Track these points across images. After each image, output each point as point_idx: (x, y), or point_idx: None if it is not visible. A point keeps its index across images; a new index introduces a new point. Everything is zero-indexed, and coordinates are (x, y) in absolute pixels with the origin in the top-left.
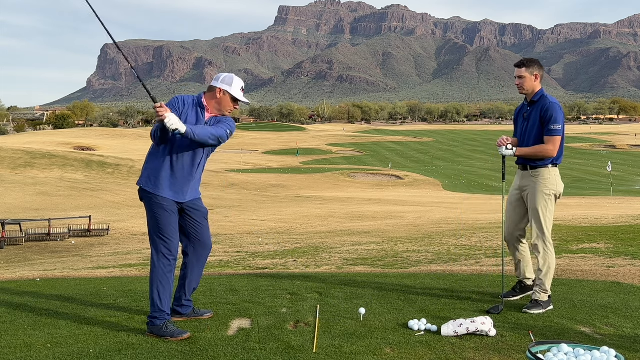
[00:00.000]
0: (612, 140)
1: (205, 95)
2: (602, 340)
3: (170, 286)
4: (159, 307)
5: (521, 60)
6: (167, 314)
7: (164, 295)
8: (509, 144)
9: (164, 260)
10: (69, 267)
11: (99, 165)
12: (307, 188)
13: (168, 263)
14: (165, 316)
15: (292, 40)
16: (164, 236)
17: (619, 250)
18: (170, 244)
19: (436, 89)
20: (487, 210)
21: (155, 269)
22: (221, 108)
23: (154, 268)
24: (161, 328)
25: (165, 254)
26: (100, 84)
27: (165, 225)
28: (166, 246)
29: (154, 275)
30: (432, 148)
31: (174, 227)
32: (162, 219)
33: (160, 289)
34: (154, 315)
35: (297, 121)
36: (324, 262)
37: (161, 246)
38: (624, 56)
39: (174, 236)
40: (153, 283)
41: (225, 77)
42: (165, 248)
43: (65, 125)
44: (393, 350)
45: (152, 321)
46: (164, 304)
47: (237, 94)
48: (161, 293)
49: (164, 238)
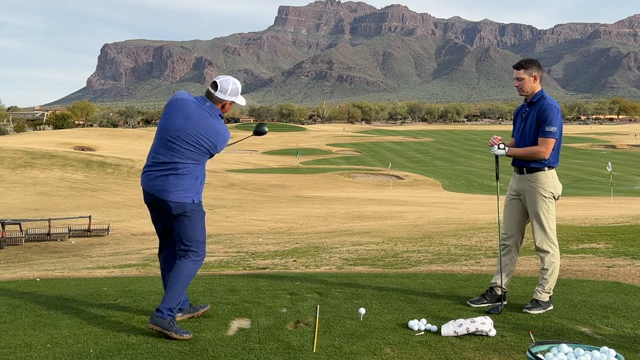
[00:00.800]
0: (612, 140)
1: (210, 100)
2: (602, 340)
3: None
4: (178, 303)
5: (519, 61)
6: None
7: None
8: (501, 144)
9: (201, 262)
10: (69, 267)
11: (99, 165)
12: (307, 188)
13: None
14: (174, 314)
15: (292, 40)
16: (204, 240)
17: (619, 250)
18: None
19: (436, 89)
20: (487, 210)
21: (192, 270)
22: (223, 114)
23: (192, 268)
24: (169, 322)
25: (203, 256)
26: (100, 84)
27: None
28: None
29: (188, 275)
30: (432, 148)
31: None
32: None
33: (186, 288)
34: (171, 308)
35: (297, 121)
36: (324, 262)
37: (203, 249)
38: (624, 56)
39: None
40: (185, 281)
41: (232, 89)
42: (204, 251)
43: (65, 125)
44: (393, 350)
45: (165, 313)
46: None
47: (242, 102)
48: (184, 292)
49: (204, 242)
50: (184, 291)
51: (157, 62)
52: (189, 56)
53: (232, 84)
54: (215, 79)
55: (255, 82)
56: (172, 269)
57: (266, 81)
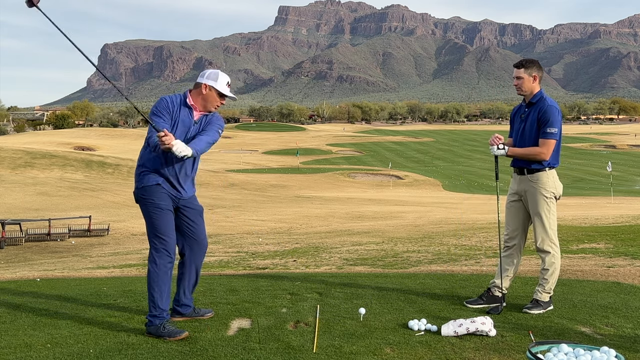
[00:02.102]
0: (612, 140)
1: (191, 92)
2: (602, 340)
3: (169, 285)
4: (155, 306)
5: (520, 61)
6: (167, 313)
7: (165, 294)
8: (500, 143)
9: (160, 259)
10: (69, 267)
11: (99, 165)
12: (307, 188)
13: (169, 261)
14: (164, 315)
15: (292, 40)
16: (159, 234)
17: (619, 250)
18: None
19: (436, 89)
20: (487, 210)
21: (153, 270)
22: (207, 104)
23: (151, 268)
24: (159, 328)
25: (165, 253)
26: (100, 84)
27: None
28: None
29: (151, 277)
30: (432, 148)
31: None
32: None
33: (159, 290)
34: (153, 314)
35: (297, 121)
36: (324, 262)
37: (162, 244)
38: (624, 56)
39: (172, 235)
40: (150, 283)
41: (210, 72)
42: (164, 246)
43: (65, 125)
44: (393, 350)
45: (151, 321)
46: (164, 303)
47: (222, 89)
48: (161, 293)
49: (160, 236)
50: (156, 294)
51: (157, 62)
52: (189, 56)
53: (212, 71)
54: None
55: (255, 82)
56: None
57: (266, 81)
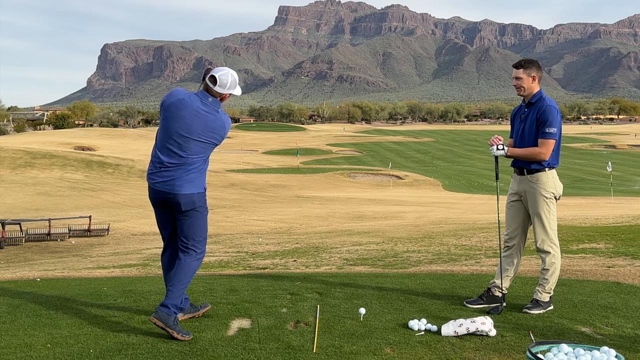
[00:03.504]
0: (612, 140)
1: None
2: (602, 340)
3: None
4: (181, 301)
5: (519, 61)
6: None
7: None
8: (500, 144)
9: (202, 259)
10: (69, 267)
11: (99, 165)
12: (307, 188)
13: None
14: (178, 312)
15: (292, 40)
16: (206, 237)
17: (619, 250)
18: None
19: (436, 89)
20: (487, 210)
21: (196, 266)
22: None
23: (195, 264)
24: (173, 320)
25: (204, 253)
26: (100, 84)
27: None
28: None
29: (192, 271)
30: (432, 148)
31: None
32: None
33: (188, 285)
34: (177, 304)
35: (297, 121)
36: (324, 262)
37: (205, 244)
38: (624, 56)
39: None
40: (190, 276)
41: (231, 82)
42: (205, 248)
43: (65, 125)
44: (393, 350)
45: (171, 309)
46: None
47: (238, 93)
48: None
49: (206, 239)
50: (186, 287)
51: (157, 62)
52: (189, 56)
53: (231, 77)
54: (212, 73)
55: (255, 82)
56: (175, 266)
57: (266, 81)
